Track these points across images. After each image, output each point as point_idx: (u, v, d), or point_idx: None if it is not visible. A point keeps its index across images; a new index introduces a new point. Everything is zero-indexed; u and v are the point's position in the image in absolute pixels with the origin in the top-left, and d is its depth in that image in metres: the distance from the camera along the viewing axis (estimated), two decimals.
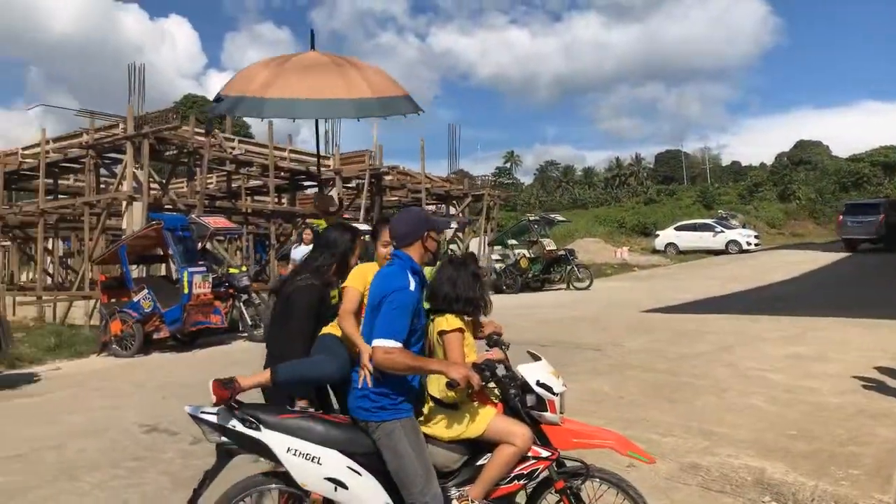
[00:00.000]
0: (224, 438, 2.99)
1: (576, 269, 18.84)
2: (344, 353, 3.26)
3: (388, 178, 19.58)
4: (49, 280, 18.50)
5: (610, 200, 55.97)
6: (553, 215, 22.26)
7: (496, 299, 7.80)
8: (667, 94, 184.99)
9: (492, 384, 3.06)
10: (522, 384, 3.08)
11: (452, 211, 22.77)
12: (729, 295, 15.03)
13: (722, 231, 29.71)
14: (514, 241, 20.15)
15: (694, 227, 30.81)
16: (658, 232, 32.59)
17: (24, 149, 16.19)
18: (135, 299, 10.81)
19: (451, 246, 22.22)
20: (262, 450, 2.91)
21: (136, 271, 12.93)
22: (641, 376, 7.48)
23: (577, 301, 15.67)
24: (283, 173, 17.37)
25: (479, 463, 2.98)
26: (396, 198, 21.62)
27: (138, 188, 13.08)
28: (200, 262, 11.12)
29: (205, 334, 11.66)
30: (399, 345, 2.75)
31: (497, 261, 19.77)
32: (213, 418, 2.99)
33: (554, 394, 3.04)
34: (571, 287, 18.62)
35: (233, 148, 15.85)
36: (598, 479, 3.10)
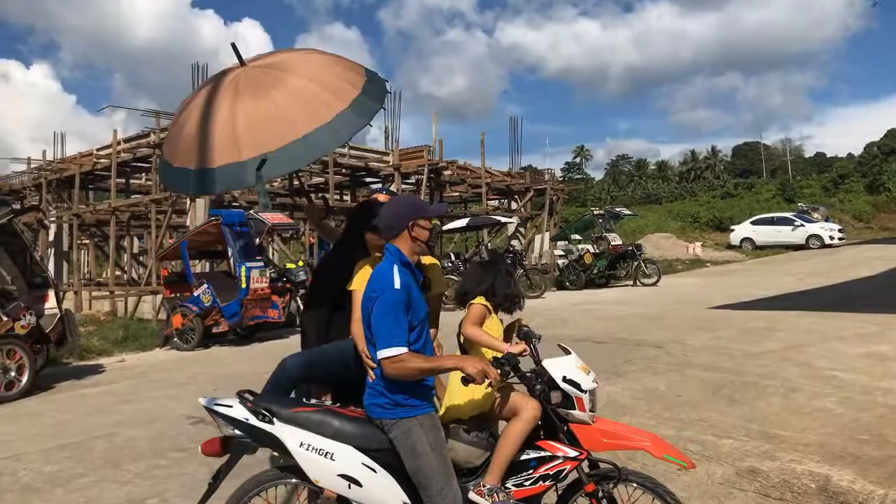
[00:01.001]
0: (237, 431, 2.91)
1: (643, 264, 18.23)
2: (347, 356, 3.18)
3: (446, 172, 19.45)
4: (123, 276, 19.29)
5: (684, 195, 54.32)
6: (619, 209, 21.63)
7: (559, 295, 7.71)
8: (746, 84, 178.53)
9: (514, 379, 2.89)
10: (548, 380, 2.88)
11: (514, 206, 22.47)
12: (805, 291, 14.18)
13: (802, 225, 28.24)
14: (577, 237, 19.69)
15: (772, 221, 29.41)
16: (733, 227, 31.25)
17: (98, 149, 16.93)
18: (195, 294, 11.05)
19: (513, 242, 21.95)
20: (275, 444, 2.81)
21: (198, 266, 13.25)
22: (702, 375, 7.07)
23: (643, 297, 15.14)
24: (343, 170, 17.50)
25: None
26: (457, 193, 21.49)
27: None
28: (258, 258, 11.27)
29: (263, 328, 11.83)
30: (403, 349, 2.59)
31: (560, 256, 19.33)
32: (227, 411, 2.92)
33: (582, 391, 2.83)
34: (638, 283, 18.04)
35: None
36: (632, 483, 2.87)
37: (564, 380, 2.83)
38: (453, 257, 17.35)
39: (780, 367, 7.22)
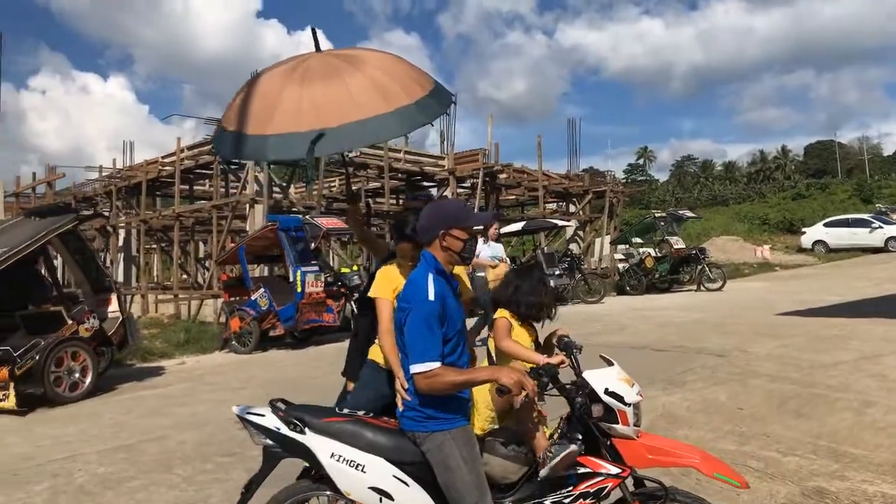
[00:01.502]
0: (269, 441, 2.87)
1: (707, 268, 17.58)
2: (379, 388, 3.12)
3: (502, 176, 19.25)
4: (188, 280, 19.87)
5: (753, 196, 52.44)
6: (681, 212, 20.96)
7: (619, 300, 7.52)
8: (818, 80, 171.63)
9: (554, 391, 2.77)
10: (590, 392, 2.73)
11: (572, 209, 22.08)
12: (884, 297, 13.36)
13: (880, 227, 26.73)
14: (638, 240, 19.17)
15: (847, 223, 27.95)
16: (805, 229, 29.88)
17: (163, 157, 17.51)
18: (252, 298, 11.23)
19: (571, 245, 21.56)
20: (306, 454, 2.77)
21: (256, 271, 13.49)
22: (767, 386, 6.68)
23: (706, 303, 14.59)
24: (400, 175, 17.55)
25: (543, 477, 2.64)
26: (514, 196, 21.25)
27: (262, 191, 13.66)
28: (313, 262, 11.37)
29: (318, 332, 11.92)
30: (436, 364, 2.49)
31: (621, 260, 18.86)
32: (258, 420, 2.88)
33: (626, 404, 2.66)
34: (702, 288, 17.40)
35: (349, 151, 16.19)
36: (678, 502, 2.69)
37: (606, 392, 2.68)
38: (509, 261, 17.11)
39: (853, 378, 6.76)
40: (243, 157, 3.11)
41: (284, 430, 2.77)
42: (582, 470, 2.65)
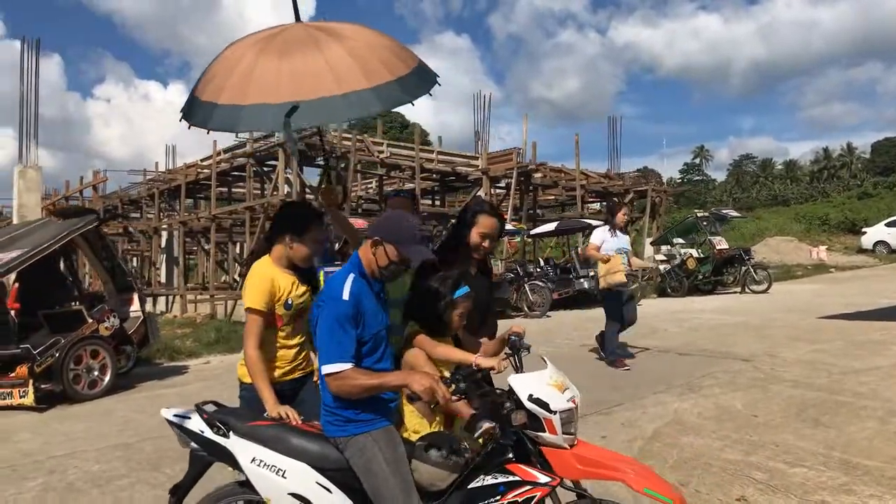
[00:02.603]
0: (195, 444, 2.80)
1: (752, 270, 16.89)
2: None
3: (537, 175, 18.91)
4: (227, 280, 20.27)
5: (816, 196, 50.42)
6: (725, 211, 20.18)
7: (658, 303, 7.29)
8: (887, 74, 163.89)
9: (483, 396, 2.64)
10: (516, 399, 2.54)
11: None
12: None
13: None
14: (680, 240, 18.54)
15: None
16: (866, 229, 28.49)
17: (202, 160, 17.89)
18: None
19: None
20: (229, 458, 2.70)
21: None
22: (788, 392, 6.30)
23: (748, 305, 14.00)
24: (434, 175, 17.44)
25: (473, 485, 2.49)
26: (552, 196, 20.87)
27: (292, 192, 13.76)
28: (336, 262, 11.33)
29: None
30: (347, 366, 2.42)
31: (662, 261, 18.29)
32: (183, 422, 2.82)
33: (551, 411, 2.45)
34: (747, 290, 16.74)
35: (380, 152, 16.20)
36: None
37: (531, 399, 2.47)
38: (542, 263, 16.82)
39: (885, 385, 6.31)
40: (215, 128, 2.98)
41: (208, 433, 2.71)
42: (511, 478, 2.48)
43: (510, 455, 2.52)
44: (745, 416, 5.70)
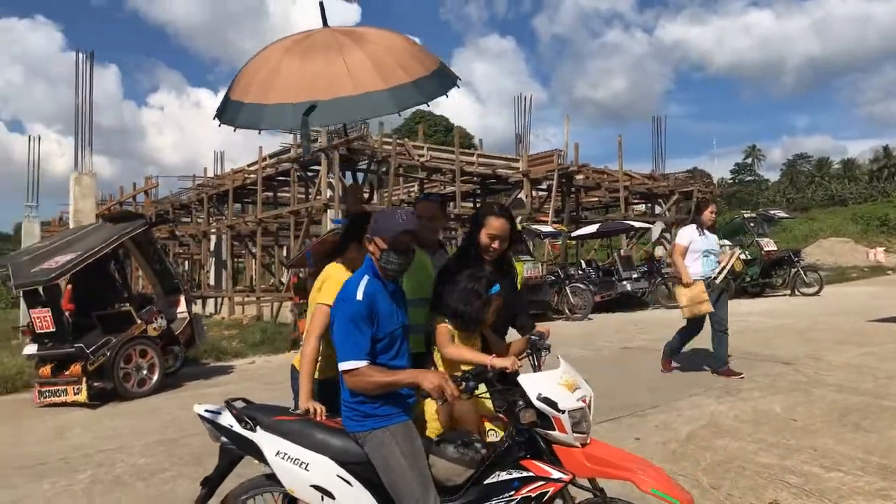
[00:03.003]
0: (224, 438, 2.92)
1: (802, 272, 16.43)
2: None
3: (579, 177, 18.78)
4: (274, 283, 20.69)
5: (875, 195, 48.62)
6: (773, 212, 19.63)
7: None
8: None
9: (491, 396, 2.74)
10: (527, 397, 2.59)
11: (658, 210, 21.21)
12: None
13: None
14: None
15: None
16: None
17: (248, 165, 18.34)
18: None
19: (657, 248, 20.72)
20: (256, 451, 2.79)
21: None
22: (831, 396, 6.14)
23: (796, 308, 13.63)
24: (475, 178, 17.48)
25: (489, 481, 2.54)
26: (596, 198, 20.67)
27: (334, 196, 14.00)
28: None
29: None
30: (362, 363, 2.53)
31: None
32: (214, 417, 2.94)
33: (559, 410, 2.49)
34: (797, 293, 16.28)
35: (420, 156, 16.33)
36: None
37: (539, 398, 2.50)
38: (584, 265, 16.68)
39: None
40: (241, 125, 3.15)
41: (237, 427, 2.81)
42: (525, 474, 2.53)
43: (525, 452, 2.56)
44: (784, 419, 5.59)
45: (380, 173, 15.05)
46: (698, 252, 7.18)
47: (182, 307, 9.45)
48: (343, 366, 2.54)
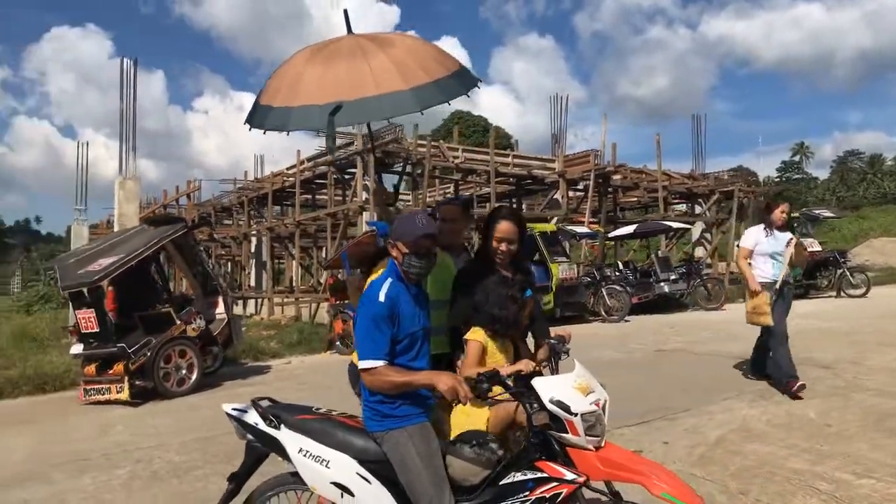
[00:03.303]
0: (250, 436, 3.01)
1: (848, 273, 15.98)
2: None
3: (616, 177, 18.57)
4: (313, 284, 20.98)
5: None
6: (818, 211, 19.11)
7: (743, 307, 6.95)
8: None
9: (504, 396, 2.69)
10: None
11: (698, 210, 20.83)
12: None
13: None
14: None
15: None
16: None
17: (287, 168, 18.66)
18: None
19: (698, 249, 20.38)
20: (279, 449, 2.88)
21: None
22: (869, 401, 6.00)
23: (841, 310, 13.27)
24: (511, 179, 17.45)
25: (505, 482, 2.57)
26: (635, 198, 20.41)
27: (370, 198, 14.15)
28: None
29: None
30: (379, 363, 2.60)
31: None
32: (240, 415, 3.03)
33: (571, 413, 2.51)
34: (843, 294, 15.84)
35: (455, 157, 16.37)
36: None
37: (552, 401, 2.52)
38: (621, 266, 16.49)
39: None
40: (269, 128, 3.31)
41: (262, 425, 2.90)
42: (539, 475, 2.55)
43: (540, 454, 2.59)
44: (818, 424, 5.47)
45: (415, 175, 15.15)
46: (766, 254, 6.78)
47: (221, 308, 9.67)
48: (361, 364, 2.61)
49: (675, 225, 17.41)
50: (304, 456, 2.76)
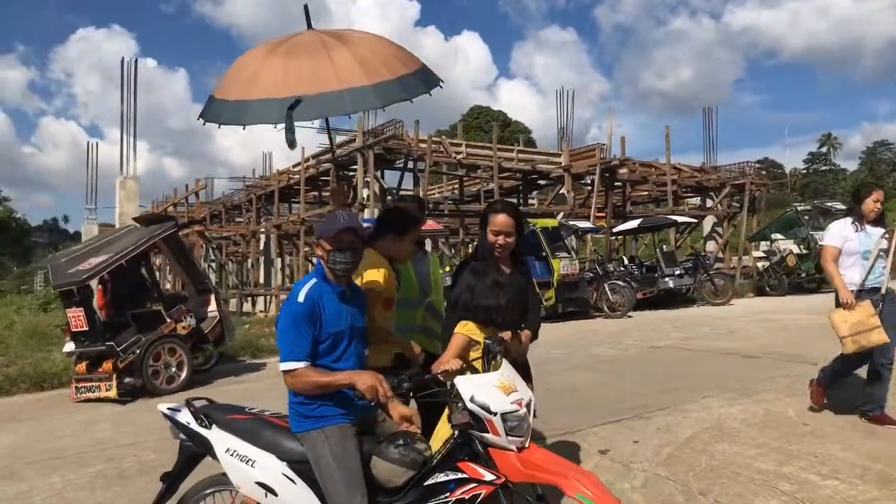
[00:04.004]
0: (183, 435, 3.02)
1: None
2: None
3: (622, 171, 18.30)
4: None
5: None
6: (829, 203, 18.67)
7: (750, 302, 6.83)
8: None
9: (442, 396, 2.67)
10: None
11: (710, 204, 20.46)
12: None
13: None
14: (779, 236, 17.37)
15: None
16: None
17: (293, 166, 18.72)
18: None
19: (708, 242, 20.06)
20: (209, 448, 2.89)
21: None
22: (853, 399, 5.80)
23: None
24: (517, 175, 17.30)
25: (429, 482, 2.54)
26: (645, 192, 20.13)
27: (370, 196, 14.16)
28: None
29: None
30: (300, 364, 2.59)
31: (760, 258, 17.23)
32: (175, 415, 3.04)
33: (491, 413, 2.45)
34: None
35: (458, 153, 16.27)
36: None
37: (472, 400, 2.49)
38: (625, 262, 16.27)
39: None
40: (225, 122, 3.27)
41: (193, 424, 2.93)
42: (460, 475, 2.52)
43: (464, 454, 2.56)
44: (795, 423, 5.34)
45: (416, 171, 15.10)
46: (856, 254, 5.29)
47: (212, 306, 9.70)
48: (282, 366, 2.61)
49: (680, 219, 17.10)
50: (231, 455, 2.76)
